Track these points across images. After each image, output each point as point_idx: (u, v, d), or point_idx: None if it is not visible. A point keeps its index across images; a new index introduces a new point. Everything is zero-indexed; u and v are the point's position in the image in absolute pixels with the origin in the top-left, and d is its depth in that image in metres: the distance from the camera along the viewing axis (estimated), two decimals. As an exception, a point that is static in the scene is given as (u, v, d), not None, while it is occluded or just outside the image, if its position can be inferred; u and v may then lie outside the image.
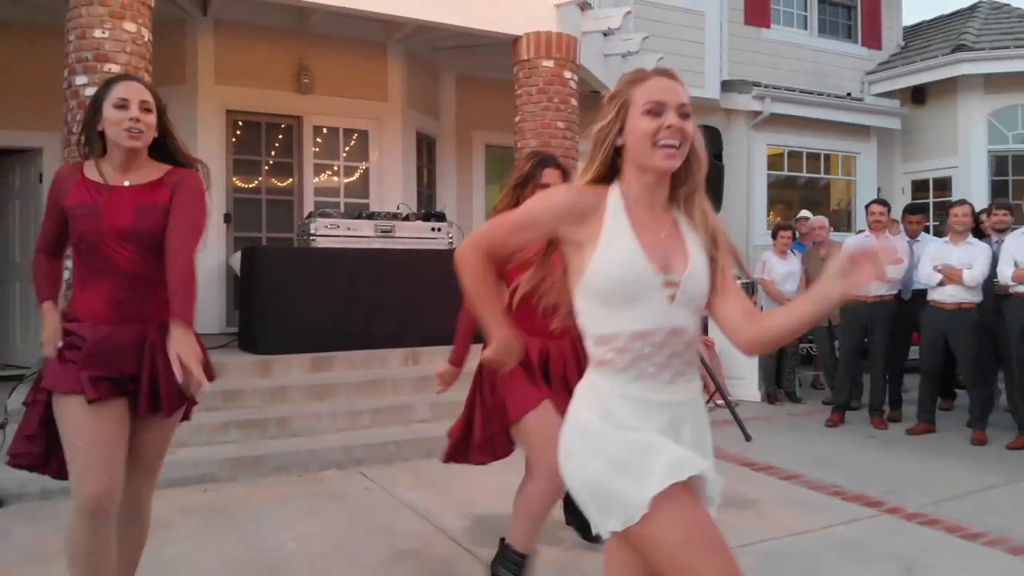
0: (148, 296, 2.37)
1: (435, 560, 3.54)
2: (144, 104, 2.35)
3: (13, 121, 7.27)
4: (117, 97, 2.33)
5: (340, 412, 5.48)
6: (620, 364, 1.70)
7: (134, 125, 2.31)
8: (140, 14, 5.50)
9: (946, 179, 11.71)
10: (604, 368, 1.73)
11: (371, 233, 6.47)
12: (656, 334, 1.69)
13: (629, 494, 1.61)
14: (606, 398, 1.71)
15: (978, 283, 5.88)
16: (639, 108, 1.69)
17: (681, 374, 1.73)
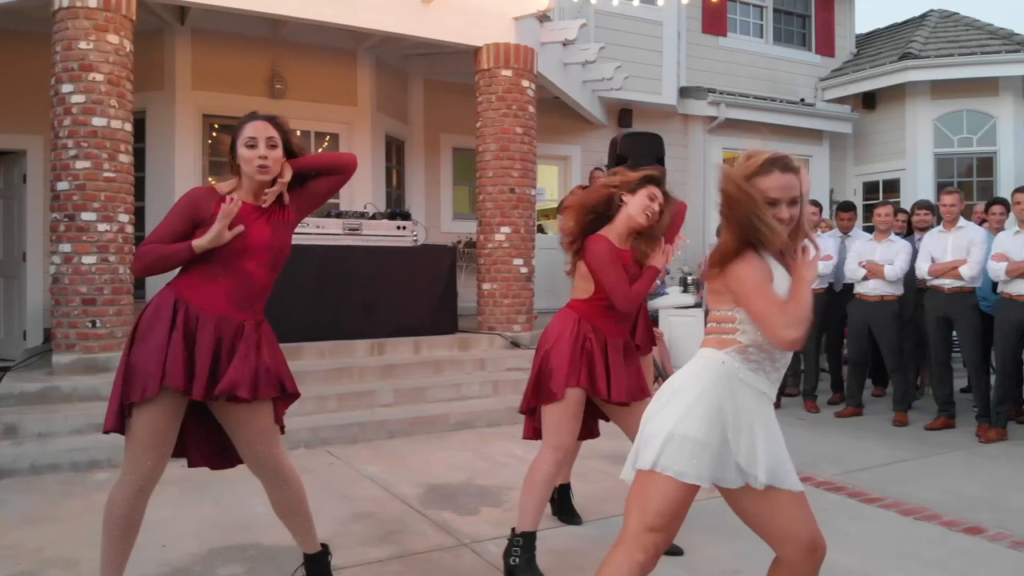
0: (256, 299, 2.75)
1: (388, 519, 3.98)
2: (270, 141, 2.73)
3: (0, 124, 7.64)
4: (247, 137, 2.71)
5: (309, 397, 5.89)
6: (753, 357, 2.23)
7: (263, 162, 2.70)
8: (122, 26, 5.90)
9: (895, 180, 12.31)
10: (738, 356, 2.23)
11: (339, 231, 6.90)
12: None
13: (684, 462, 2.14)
14: (732, 376, 2.22)
15: (898, 277, 6.41)
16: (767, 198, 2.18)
17: (779, 378, 2.31)
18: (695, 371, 2.27)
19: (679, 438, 2.15)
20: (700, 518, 3.81)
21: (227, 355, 2.64)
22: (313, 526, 3.01)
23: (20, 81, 7.39)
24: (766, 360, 2.26)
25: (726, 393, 2.19)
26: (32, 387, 5.49)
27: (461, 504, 4.23)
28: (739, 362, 2.23)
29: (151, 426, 2.61)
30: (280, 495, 2.89)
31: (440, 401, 6.34)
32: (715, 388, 2.20)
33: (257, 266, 2.72)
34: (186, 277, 2.70)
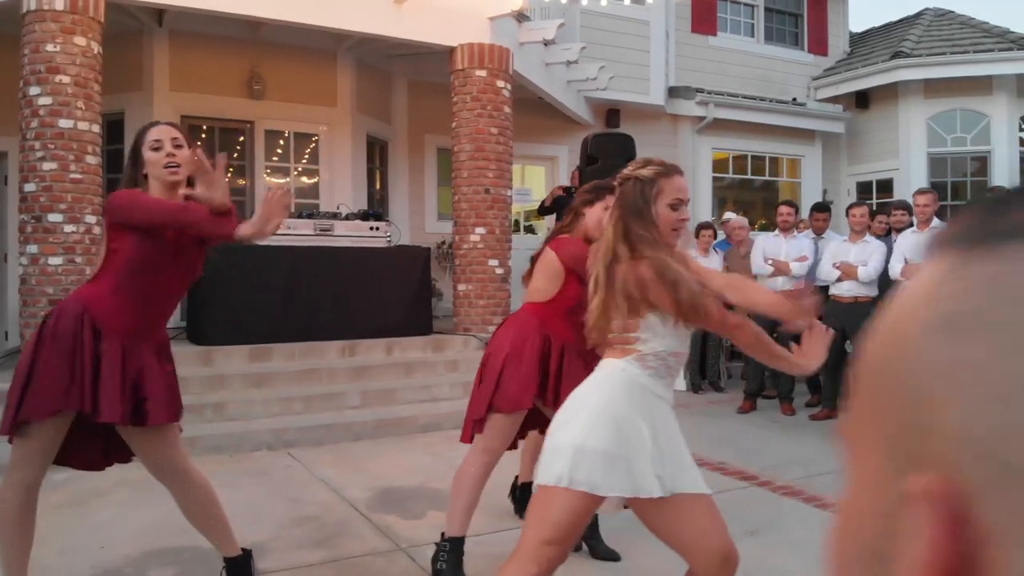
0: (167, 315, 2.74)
1: (331, 523, 3.96)
2: (175, 141, 2.66)
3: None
4: (152, 140, 2.65)
5: (275, 398, 5.90)
6: (651, 364, 2.24)
7: (171, 161, 2.63)
8: (90, 29, 5.92)
9: (888, 180, 12.19)
10: (638, 364, 2.24)
11: (310, 232, 6.89)
12: (683, 354, 2.33)
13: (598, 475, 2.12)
14: (632, 383, 2.22)
15: (872, 278, 6.35)
16: (668, 200, 2.27)
17: (673, 381, 2.36)
18: (598, 382, 2.28)
19: (589, 451, 2.13)
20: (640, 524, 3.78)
21: (133, 376, 2.61)
22: (229, 529, 2.99)
23: (1, 83, 7.42)
24: (662, 367, 2.27)
25: (628, 400, 2.19)
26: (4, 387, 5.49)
27: (408, 508, 4.20)
28: (638, 369, 2.24)
29: (48, 434, 2.61)
30: (187, 498, 2.86)
31: (409, 403, 6.32)
32: (619, 397, 2.20)
33: (167, 281, 2.68)
34: (94, 287, 2.67)
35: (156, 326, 2.71)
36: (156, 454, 2.75)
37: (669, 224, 2.28)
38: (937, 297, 0.30)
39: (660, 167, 2.32)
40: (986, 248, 0.30)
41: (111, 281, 2.64)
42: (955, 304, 0.29)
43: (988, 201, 0.31)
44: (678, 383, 7.87)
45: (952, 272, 0.30)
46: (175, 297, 2.76)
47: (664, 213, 2.27)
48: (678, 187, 2.30)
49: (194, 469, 2.85)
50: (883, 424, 0.32)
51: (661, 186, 2.28)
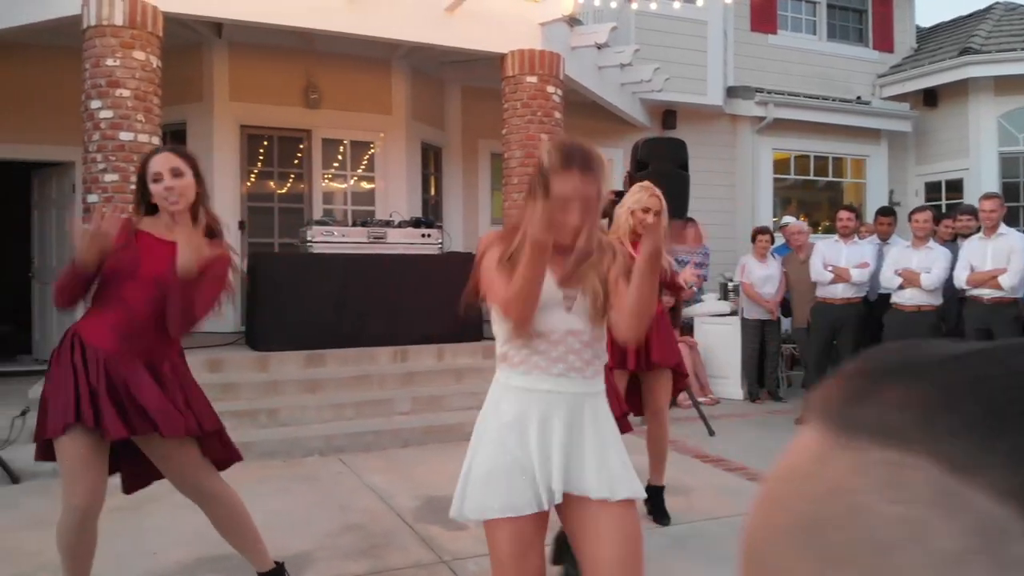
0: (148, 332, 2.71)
1: (377, 532, 3.99)
2: (175, 170, 2.70)
3: (49, 136, 7.97)
4: (152, 172, 2.71)
5: (327, 404, 5.99)
6: (516, 359, 2.07)
7: (170, 194, 2.69)
8: (149, 43, 6.09)
9: (958, 181, 11.76)
10: (503, 364, 2.11)
11: (364, 239, 6.98)
12: (554, 334, 2.06)
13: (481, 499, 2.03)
14: (505, 389, 2.09)
15: (935, 287, 6.13)
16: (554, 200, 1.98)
17: (576, 370, 2.07)
18: (486, 401, 2.16)
19: (472, 476, 2.07)
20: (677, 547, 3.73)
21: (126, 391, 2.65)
22: (261, 543, 3.00)
23: (66, 95, 7.67)
24: (530, 354, 2.06)
25: (507, 409, 2.05)
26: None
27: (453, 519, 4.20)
28: (506, 372, 2.10)
29: (74, 456, 2.66)
30: (216, 514, 2.90)
31: (458, 410, 6.34)
32: (495, 410, 2.08)
33: (143, 300, 2.67)
34: (88, 310, 2.75)
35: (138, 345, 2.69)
36: (175, 472, 2.80)
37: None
38: (803, 492, 0.30)
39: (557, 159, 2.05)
40: (848, 439, 0.29)
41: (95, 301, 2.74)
42: (815, 510, 0.29)
43: (864, 370, 0.30)
44: (734, 391, 7.74)
45: (820, 462, 0.30)
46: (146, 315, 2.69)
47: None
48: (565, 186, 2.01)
49: (221, 489, 2.87)
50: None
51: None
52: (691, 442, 5.95)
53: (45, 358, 8.39)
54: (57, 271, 8.50)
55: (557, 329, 2.06)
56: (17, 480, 4.85)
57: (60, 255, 8.50)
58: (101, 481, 2.73)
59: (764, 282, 7.64)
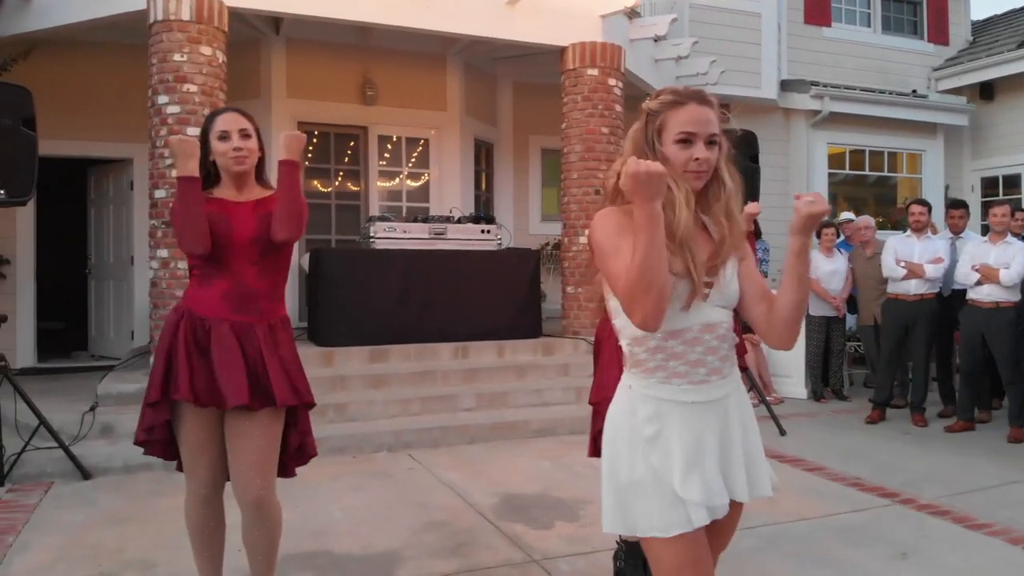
0: (259, 298, 2.67)
1: (460, 530, 3.93)
2: (243, 132, 2.64)
3: (107, 134, 8.03)
4: (219, 130, 2.63)
5: (393, 400, 5.95)
6: (651, 364, 1.81)
7: (239, 153, 2.62)
8: (215, 38, 6.09)
9: (1016, 176, 11.47)
10: (635, 370, 1.85)
11: (425, 235, 6.95)
12: (690, 331, 1.80)
13: (642, 516, 1.80)
14: (637, 402, 1.83)
15: (1015, 282, 5.94)
16: (672, 135, 1.79)
17: (716, 371, 1.83)
18: (612, 411, 1.91)
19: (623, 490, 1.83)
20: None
21: (251, 360, 2.60)
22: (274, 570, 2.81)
23: (125, 92, 7.74)
24: (666, 359, 1.81)
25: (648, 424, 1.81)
26: (129, 388, 5.73)
27: (535, 517, 4.14)
28: (640, 378, 1.84)
29: (190, 437, 2.64)
30: (254, 534, 2.70)
31: (521, 407, 6.28)
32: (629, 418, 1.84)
33: (248, 263, 2.64)
34: (190, 284, 2.70)
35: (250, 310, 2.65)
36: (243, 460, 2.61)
37: (679, 166, 1.79)
38: None
39: (670, 95, 1.83)
40: None
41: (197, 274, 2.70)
42: None
43: None
44: (798, 390, 7.59)
45: None
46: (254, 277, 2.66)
47: (672, 152, 1.79)
48: (688, 118, 1.78)
49: (274, 505, 2.71)
50: None
51: (664, 119, 1.81)
52: (765, 442, 5.80)
53: (101, 354, 8.55)
54: (110, 266, 8.58)
55: (692, 325, 1.80)
56: (88, 476, 4.86)
57: (117, 252, 8.57)
58: (217, 465, 2.69)
59: (831, 277, 7.48)
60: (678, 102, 1.81)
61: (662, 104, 1.82)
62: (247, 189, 2.72)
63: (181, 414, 2.62)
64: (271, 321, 2.70)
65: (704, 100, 1.82)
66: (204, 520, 2.74)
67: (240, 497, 2.63)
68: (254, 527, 2.68)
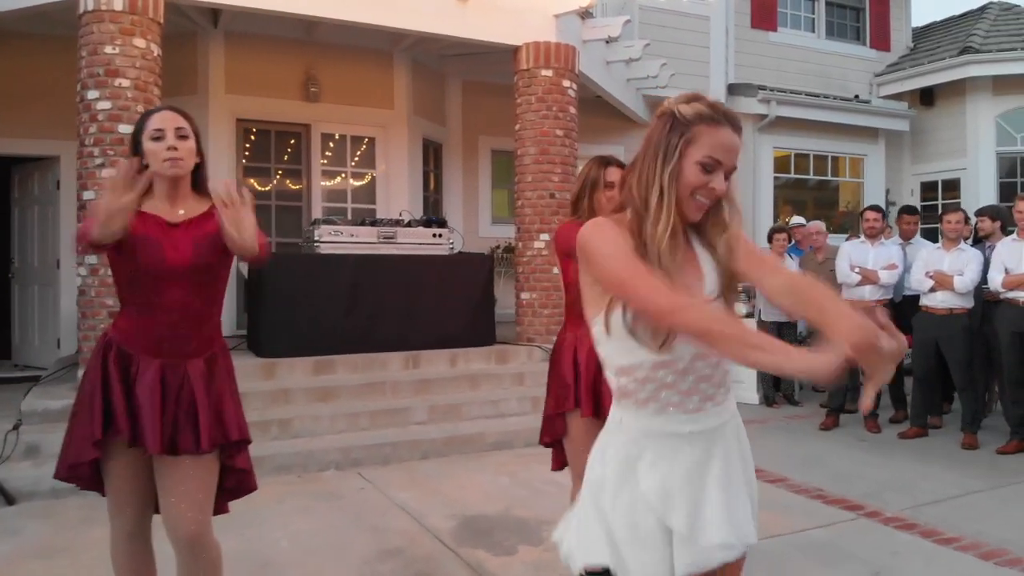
0: (193, 331, 2.39)
1: (419, 558, 3.70)
2: (180, 131, 2.36)
3: (31, 131, 7.54)
4: (153, 129, 2.35)
5: (340, 414, 5.67)
6: (642, 395, 1.66)
7: (173, 153, 2.33)
8: (149, 30, 5.72)
9: (955, 180, 11.73)
10: (627, 402, 1.69)
11: (374, 239, 6.66)
12: (679, 361, 1.64)
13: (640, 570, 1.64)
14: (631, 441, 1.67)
15: (969, 289, 5.96)
16: (698, 154, 1.60)
17: (710, 398, 1.68)
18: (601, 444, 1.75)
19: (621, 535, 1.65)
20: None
21: (172, 402, 2.34)
22: None
23: (52, 87, 7.26)
24: (657, 389, 1.65)
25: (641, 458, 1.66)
26: (56, 404, 5.33)
27: (497, 541, 3.93)
28: (632, 411, 1.67)
29: (118, 473, 2.39)
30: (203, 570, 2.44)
31: (476, 419, 6.06)
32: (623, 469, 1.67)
33: (181, 293, 2.34)
34: (119, 313, 2.43)
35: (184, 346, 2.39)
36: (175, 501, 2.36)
37: (689, 187, 1.61)
38: None
39: (709, 109, 1.62)
40: None
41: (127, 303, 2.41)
42: None
43: None
44: (750, 395, 7.54)
45: None
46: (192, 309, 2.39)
47: (690, 171, 1.61)
48: (721, 143, 1.60)
49: (212, 544, 2.45)
50: None
51: (696, 134, 1.61)
52: (722, 451, 5.71)
53: (26, 363, 8.03)
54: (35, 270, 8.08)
55: (683, 355, 1.63)
56: (13, 501, 4.48)
57: (42, 256, 8.08)
58: (145, 504, 2.44)
59: (783, 284, 7.44)
60: (716, 120, 1.61)
61: (697, 115, 1.61)
62: (181, 199, 2.42)
63: (108, 450, 2.36)
64: (207, 355, 2.43)
65: (738, 127, 1.65)
66: (133, 559, 2.47)
67: (172, 533, 2.36)
68: (189, 567, 2.41)
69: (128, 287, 2.37)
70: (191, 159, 2.39)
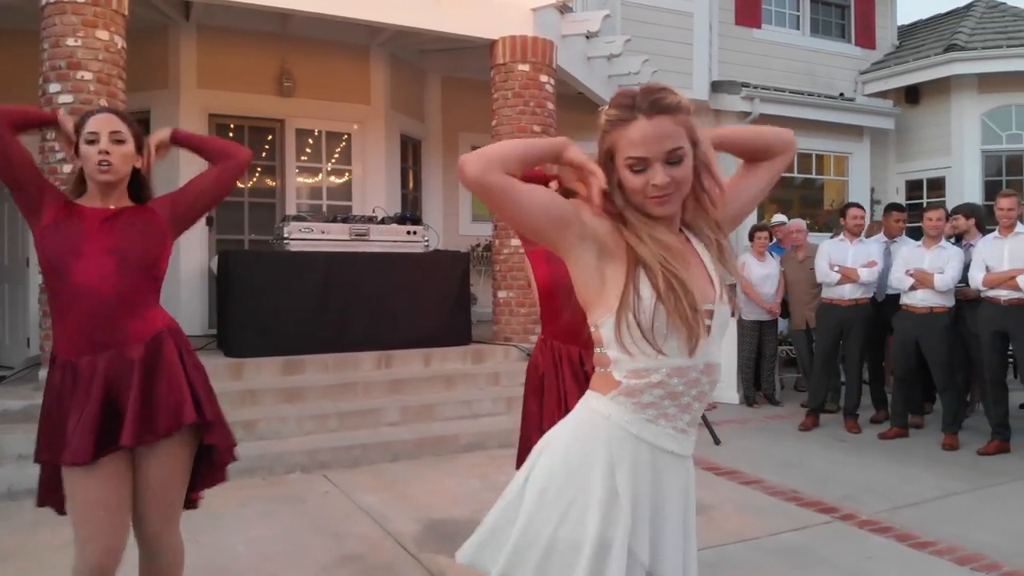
0: (122, 315, 2.28)
1: (377, 564, 3.58)
2: (115, 135, 2.29)
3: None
4: (88, 132, 2.28)
5: (308, 416, 5.54)
6: (645, 398, 1.52)
7: (104, 157, 2.26)
8: (113, 22, 5.57)
9: (940, 179, 11.66)
10: (625, 399, 1.54)
11: (346, 236, 6.53)
12: (693, 370, 1.53)
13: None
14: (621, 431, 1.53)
15: (949, 287, 5.88)
16: (622, 160, 1.51)
17: (693, 423, 1.59)
18: (573, 436, 1.58)
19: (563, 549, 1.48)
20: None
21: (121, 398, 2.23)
22: None
23: (17, 80, 7.08)
24: (663, 395, 1.52)
25: (620, 464, 1.51)
26: (16, 404, 5.19)
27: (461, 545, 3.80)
28: (622, 409, 1.52)
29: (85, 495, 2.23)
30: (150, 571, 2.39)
31: (450, 419, 5.94)
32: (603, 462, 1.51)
33: (99, 277, 2.23)
34: (52, 323, 2.33)
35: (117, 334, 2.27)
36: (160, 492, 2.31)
37: (633, 193, 1.51)
38: None
39: (616, 110, 1.52)
40: None
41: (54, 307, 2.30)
42: None
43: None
44: (730, 395, 7.44)
45: None
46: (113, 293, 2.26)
47: (625, 178, 1.52)
48: (635, 139, 1.48)
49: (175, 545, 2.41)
50: None
51: (612, 140, 1.52)
52: (698, 452, 5.60)
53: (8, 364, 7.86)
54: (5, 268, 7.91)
55: (697, 364, 1.53)
56: (-35, 505, 4.34)
57: (12, 254, 7.90)
58: (121, 524, 2.27)
59: (764, 281, 7.36)
60: (623, 119, 1.49)
61: (608, 122, 1.53)
62: (116, 204, 2.35)
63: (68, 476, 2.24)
64: (147, 339, 2.29)
65: (657, 110, 1.48)
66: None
67: (136, 530, 2.31)
68: (150, 566, 2.36)
69: (54, 290, 2.27)
70: (124, 165, 2.32)
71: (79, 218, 2.27)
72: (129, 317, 2.28)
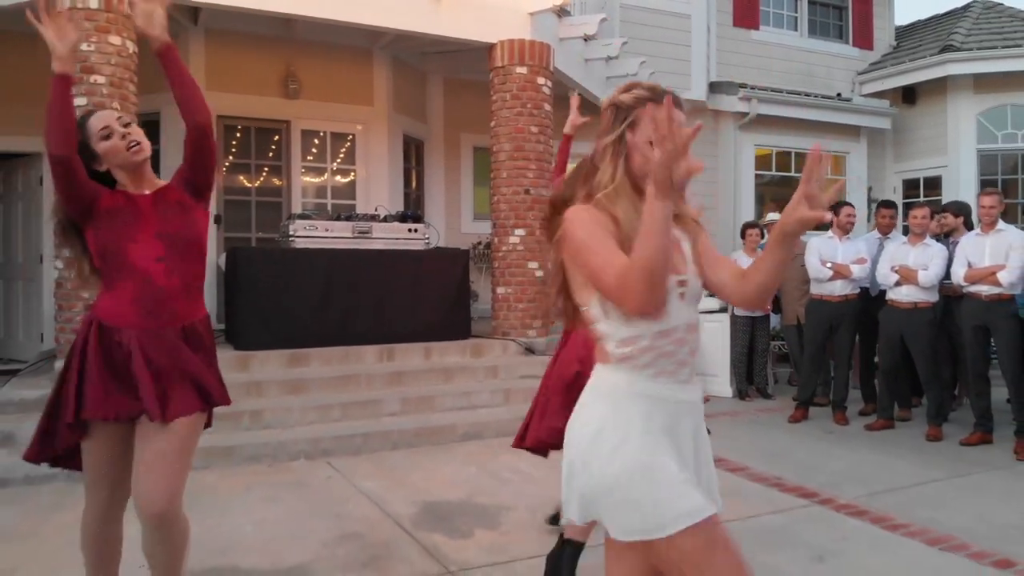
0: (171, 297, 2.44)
1: (376, 542, 3.78)
2: (121, 121, 2.47)
3: (16, 127, 7.59)
4: (99, 129, 2.43)
5: (312, 406, 5.75)
6: (641, 361, 1.75)
7: (131, 140, 2.43)
8: (125, 27, 5.80)
9: (936, 178, 11.81)
10: (623, 364, 1.77)
11: (348, 234, 6.75)
12: (676, 331, 1.77)
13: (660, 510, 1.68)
14: (621, 397, 1.76)
15: (933, 284, 6.05)
16: (643, 136, 1.75)
17: (693, 373, 1.83)
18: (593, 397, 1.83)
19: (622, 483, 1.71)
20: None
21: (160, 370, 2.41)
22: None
23: (36, 84, 7.31)
24: (657, 356, 1.76)
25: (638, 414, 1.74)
26: (32, 394, 5.43)
27: (455, 526, 4.02)
28: (628, 375, 1.76)
29: (98, 452, 2.46)
30: (156, 550, 2.48)
31: (449, 410, 6.15)
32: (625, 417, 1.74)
33: (153, 261, 2.41)
34: (99, 291, 2.50)
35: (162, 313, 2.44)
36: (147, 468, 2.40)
37: (643, 169, 1.74)
38: None
39: (647, 92, 1.80)
40: None
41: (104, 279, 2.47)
42: None
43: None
44: (723, 388, 7.63)
45: None
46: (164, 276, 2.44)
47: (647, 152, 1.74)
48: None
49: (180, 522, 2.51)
50: None
51: (637, 116, 1.77)
52: (688, 442, 5.80)
53: (10, 357, 8.11)
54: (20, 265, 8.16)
55: (679, 325, 1.77)
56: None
57: (26, 251, 8.15)
58: (120, 485, 2.52)
59: (755, 278, 7.53)
60: (654, 100, 1.74)
61: (637, 100, 1.79)
62: (147, 183, 2.53)
63: (89, 430, 2.44)
64: (186, 324, 2.48)
65: (679, 103, 1.78)
66: (102, 537, 2.57)
67: (142, 509, 2.39)
68: (156, 542, 2.46)
69: (102, 259, 2.43)
70: (147, 142, 2.50)
71: (128, 203, 2.44)
72: (178, 298, 2.46)
